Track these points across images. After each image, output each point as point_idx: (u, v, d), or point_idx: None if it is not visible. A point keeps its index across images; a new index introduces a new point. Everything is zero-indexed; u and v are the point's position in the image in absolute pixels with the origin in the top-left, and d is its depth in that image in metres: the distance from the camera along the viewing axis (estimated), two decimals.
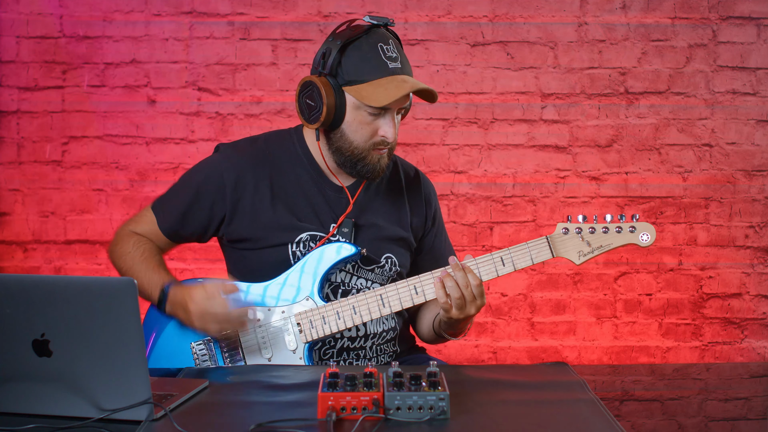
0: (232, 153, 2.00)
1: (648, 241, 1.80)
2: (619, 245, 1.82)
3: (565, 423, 1.40)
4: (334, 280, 1.95)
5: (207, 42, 3.37)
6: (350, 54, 1.85)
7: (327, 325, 1.86)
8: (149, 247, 1.98)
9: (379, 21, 1.88)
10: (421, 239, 2.10)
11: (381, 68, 1.83)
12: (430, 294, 1.85)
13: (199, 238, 2.02)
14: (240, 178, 1.95)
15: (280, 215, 1.94)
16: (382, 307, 1.86)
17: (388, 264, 2.00)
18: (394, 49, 1.86)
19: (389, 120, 1.87)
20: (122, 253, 1.98)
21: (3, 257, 3.40)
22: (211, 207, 1.96)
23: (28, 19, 3.36)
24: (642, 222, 1.81)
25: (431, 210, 2.12)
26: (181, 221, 1.98)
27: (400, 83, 1.82)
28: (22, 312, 1.34)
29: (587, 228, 1.81)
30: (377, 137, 1.88)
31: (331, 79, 1.85)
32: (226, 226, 1.97)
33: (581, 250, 1.82)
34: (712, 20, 3.38)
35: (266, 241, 1.94)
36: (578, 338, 3.42)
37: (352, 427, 1.30)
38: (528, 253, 1.82)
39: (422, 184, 2.12)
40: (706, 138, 3.41)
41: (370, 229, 1.99)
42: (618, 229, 1.81)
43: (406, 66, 1.88)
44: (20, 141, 3.38)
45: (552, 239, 1.82)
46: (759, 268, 3.43)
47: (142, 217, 2.03)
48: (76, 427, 1.33)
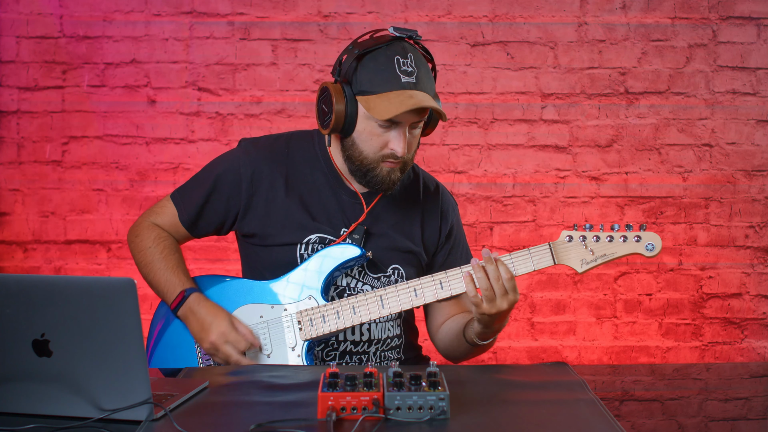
0: (251, 148, 2.02)
1: (653, 252, 1.76)
2: (622, 255, 1.78)
3: (565, 423, 1.40)
4: (340, 283, 1.95)
5: (207, 42, 3.37)
6: (366, 64, 1.84)
7: (326, 324, 1.86)
8: (169, 244, 2.02)
9: (402, 33, 1.86)
10: (434, 255, 2.07)
11: (393, 81, 1.81)
12: (429, 296, 1.84)
13: (218, 230, 2.05)
14: (256, 173, 1.97)
15: (292, 214, 1.95)
16: (381, 308, 1.85)
17: (395, 275, 1.99)
18: (412, 64, 1.83)
19: (399, 134, 1.84)
20: (142, 246, 2.01)
21: (3, 257, 3.40)
22: (228, 200, 1.98)
23: (28, 19, 3.36)
24: (648, 232, 1.77)
25: (447, 225, 2.08)
26: (199, 213, 2.01)
27: (406, 99, 1.79)
28: (22, 312, 1.34)
29: (591, 236, 1.78)
30: (387, 150, 1.86)
31: (347, 87, 1.85)
32: (240, 220, 1.99)
33: (584, 258, 1.79)
34: (712, 20, 3.38)
35: (276, 239, 1.95)
36: (578, 338, 3.42)
37: (352, 427, 1.30)
38: (530, 259, 1.79)
39: (441, 198, 2.09)
40: (706, 138, 3.41)
41: (381, 238, 1.98)
42: (623, 238, 1.78)
43: (424, 82, 1.84)
44: (20, 141, 3.38)
45: (555, 246, 1.80)
46: (759, 268, 3.43)
47: (163, 207, 2.05)
48: (76, 427, 1.33)
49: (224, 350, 1.86)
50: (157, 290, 1.99)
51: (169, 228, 2.04)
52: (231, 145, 3.34)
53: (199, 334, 1.89)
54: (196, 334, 1.91)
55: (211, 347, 1.88)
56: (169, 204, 2.04)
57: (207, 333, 1.88)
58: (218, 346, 1.87)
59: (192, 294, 1.92)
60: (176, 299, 1.93)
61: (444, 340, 2.03)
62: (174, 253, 2.02)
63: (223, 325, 1.87)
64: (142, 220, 2.06)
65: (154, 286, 2.00)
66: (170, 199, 2.05)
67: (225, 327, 1.87)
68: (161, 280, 1.97)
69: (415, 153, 1.95)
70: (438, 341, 2.06)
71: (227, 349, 1.86)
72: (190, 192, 2.03)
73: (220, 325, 1.87)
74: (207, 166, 2.06)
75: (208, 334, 1.87)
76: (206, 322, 1.88)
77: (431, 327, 2.09)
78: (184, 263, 2.05)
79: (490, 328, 1.81)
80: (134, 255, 2.05)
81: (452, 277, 1.83)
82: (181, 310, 1.92)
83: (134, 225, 2.08)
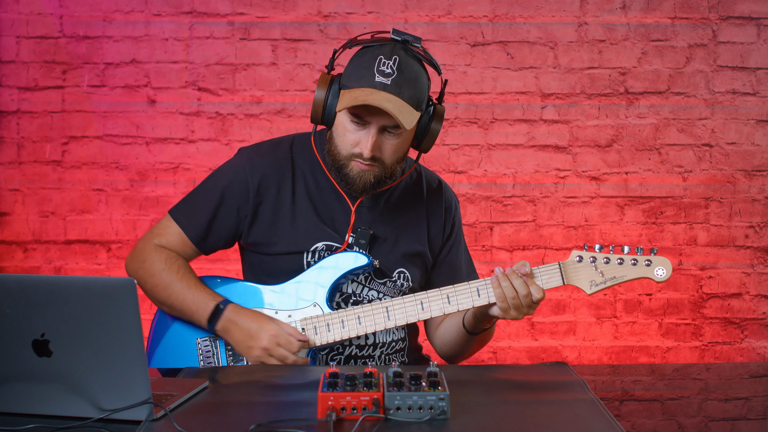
0: (255, 156, 1.97)
1: (663, 277, 1.75)
2: (632, 278, 1.77)
3: (565, 423, 1.40)
4: (345, 290, 1.94)
5: (207, 42, 3.37)
6: (353, 59, 1.85)
7: (330, 333, 1.85)
8: (181, 263, 1.94)
9: (399, 36, 1.83)
10: (438, 251, 2.06)
11: (367, 78, 1.78)
12: (436, 311, 1.82)
13: (227, 244, 1.99)
14: (263, 181, 1.94)
15: (298, 221, 1.93)
16: (387, 320, 1.84)
17: (401, 279, 1.98)
18: (393, 66, 1.77)
19: (366, 134, 1.81)
20: (154, 271, 1.93)
21: (3, 257, 3.40)
22: (237, 211, 1.94)
23: (28, 19, 3.36)
24: (659, 256, 1.76)
25: (450, 219, 2.07)
26: (208, 228, 1.95)
27: (365, 95, 1.76)
28: (22, 312, 1.34)
29: (602, 258, 1.77)
30: (357, 149, 1.83)
31: (336, 80, 1.86)
32: (247, 230, 1.95)
33: (593, 279, 1.78)
34: (712, 20, 3.38)
35: (282, 247, 1.93)
36: (578, 338, 3.42)
37: (352, 427, 1.30)
38: (539, 279, 1.78)
39: (444, 194, 2.08)
40: (706, 138, 3.41)
41: (386, 242, 1.97)
42: (633, 262, 1.77)
43: (400, 86, 1.77)
44: (20, 141, 3.38)
45: (565, 266, 1.79)
46: (759, 268, 3.43)
47: (164, 228, 1.97)
48: (76, 427, 1.33)
49: (278, 353, 1.81)
50: (182, 311, 1.90)
51: (176, 248, 1.96)
52: (231, 146, 3.35)
53: (247, 342, 1.84)
54: (241, 343, 1.85)
55: (264, 353, 1.82)
56: (171, 224, 1.97)
57: (256, 340, 1.82)
58: (271, 351, 1.82)
59: (228, 305, 1.86)
60: (213, 314, 1.86)
61: (443, 337, 2.02)
62: (190, 272, 1.94)
63: (273, 329, 1.82)
64: (144, 245, 1.97)
65: (178, 308, 1.90)
66: (171, 219, 1.97)
67: (275, 330, 1.82)
68: (187, 300, 1.89)
69: (397, 161, 1.88)
70: (437, 340, 2.06)
71: (281, 352, 1.81)
72: (195, 208, 1.97)
73: (269, 329, 1.82)
74: (208, 180, 2.00)
75: (258, 340, 1.82)
76: (252, 329, 1.83)
77: (429, 328, 2.08)
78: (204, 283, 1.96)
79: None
80: (144, 282, 1.94)
81: (460, 293, 1.81)
82: (219, 323, 1.86)
83: (135, 251, 1.99)
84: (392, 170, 1.89)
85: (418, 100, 1.82)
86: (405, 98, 1.78)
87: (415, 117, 1.80)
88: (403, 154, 1.91)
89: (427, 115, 1.89)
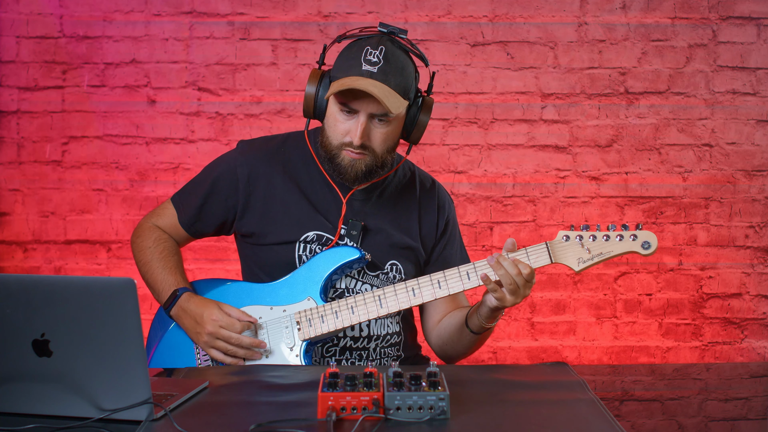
0: (247, 148, 2.05)
1: (650, 250, 1.77)
2: (619, 253, 1.79)
3: (565, 423, 1.40)
4: (339, 286, 1.96)
5: (207, 42, 3.37)
6: (342, 53, 1.90)
7: (325, 324, 1.87)
8: (169, 246, 2.05)
9: (385, 29, 1.88)
10: (432, 249, 2.08)
11: (354, 68, 1.83)
12: (427, 296, 1.84)
13: (218, 231, 2.08)
14: (253, 172, 2.00)
15: (289, 209, 1.98)
16: (379, 308, 1.86)
17: (393, 271, 2.00)
18: (380, 55, 1.82)
19: (355, 122, 1.86)
20: (143, 246, 2.04)
21: (3, 257, 3.40)
22: (225, 201, 2.01)
23: (28, 19, 3.36)
24: (644, 231, 1.78)
25: (443, 218, 2.10)
26: (198, 215, 2.04)
27: (352, 81, 1.81)
28: (22, 312, 1.34)
29: (588, 235, 1.79)
30: (347, 137, 1.87)
31: (326, 75, 1.92)
32: (239, 220, 2.01)
33: (581, 257, 1.80)
34: (712, 20, 3.38)
35: (273, 237, 1.97)
36: (578, 338, 3.42)
37: (352, 427, 1.30)
38: (527, 259, 1.80)
39: (437, 193, 2.11)
40: (706, 138, 3.41)
41: (378, 234, 1.99)
42: (619, 237, 1.78)
43: (387, 75, 1.82)
44: (20, 141, 3.38)
45: (552, 245, 1.80)
46: (759, 268, 3.43)
47: (164, 210, 2.09)
48: (76, 427, 1.33)
49: (223, 335, 1.85)
50: (153, 290, 2.00)
51: (169, 230, 2.07)
52: (231, 146, 3.35)
53: (195, 329, 1.89)
54: (190, 330, 1.91)
55: (209, 338, 1.87)
56: (170, 206, 2.08)
57: (201, 325, 1.87)
58: (215, 334, 1.86)
59: (184, 293, 1.93)
60: (169, 299, 1.94)
61: (442, 336, 2.03)
62: (173, 254, 2.04)
63: (215, 313, 1.87)
64: (144, 222, 2.10)
65: (151, 286, 2.01)
66: (171, 202, 2.09)
67: (216, 314, 1.87)
68: (157, 280, 1.98)
69: (387, 150, 1.92)
70: (434, 338, 2.07)
71: (224, 333, 1.85)
72: (189, 194, 2.07)
73: (211, 313, 1.87)
74: (205, 169, 2.09)
75: (203, 326, 1.87)
76: (197, 314, 1.89)
77: (427, 325, 2.10)
78: (183, 265, 2.06)
79: (503, 310, 1.85)
80: (135, 255, 2.07)
81: (450, 277, 1.83)
82: (173, 309, 1.93)
83: (137, 227, 2.11)
84: (383, 159, 1.93)
85: (404, 88, 1.86)
86: (391, 86, 1.83)
87: (402, 104, 1.85)
88: (393, 144, 1.95)
89: (416, 106, 1.93)
